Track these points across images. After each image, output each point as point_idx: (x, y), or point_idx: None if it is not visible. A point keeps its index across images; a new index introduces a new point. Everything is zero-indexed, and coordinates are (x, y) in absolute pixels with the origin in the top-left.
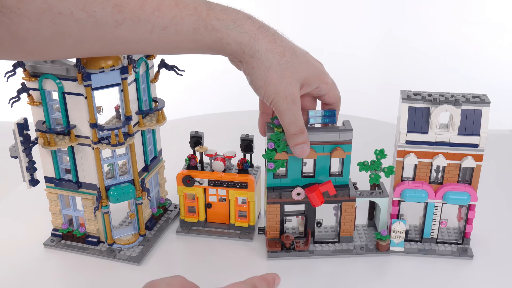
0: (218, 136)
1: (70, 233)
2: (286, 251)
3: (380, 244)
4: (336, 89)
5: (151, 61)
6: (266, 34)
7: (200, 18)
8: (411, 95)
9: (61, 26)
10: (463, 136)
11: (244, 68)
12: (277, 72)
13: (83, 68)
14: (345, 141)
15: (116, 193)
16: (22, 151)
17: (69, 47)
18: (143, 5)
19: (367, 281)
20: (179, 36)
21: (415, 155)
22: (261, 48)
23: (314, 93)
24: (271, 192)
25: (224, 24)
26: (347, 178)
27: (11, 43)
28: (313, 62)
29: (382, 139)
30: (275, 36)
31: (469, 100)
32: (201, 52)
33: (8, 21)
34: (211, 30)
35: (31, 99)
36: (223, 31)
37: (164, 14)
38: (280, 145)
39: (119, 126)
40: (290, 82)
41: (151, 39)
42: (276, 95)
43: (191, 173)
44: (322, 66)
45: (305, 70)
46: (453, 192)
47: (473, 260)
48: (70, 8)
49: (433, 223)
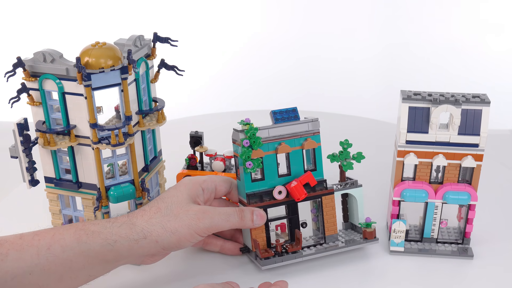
0: (218, 136)
1: None
2: (279, 256)
3: (367, 231)
4: (218, 176)
5: (151, 61)
6: (135, 213)
7: (78, 228)
8: (411, 95)
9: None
10: (463, 136)
11: (155, 248)
12: (170, 220)
13: (83, 68)
14: (314, 132)
15: (116, 193)
16: (22, 151)
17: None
18: (21, 236)
19: (367, 281)
20: (66, 252)
21: (415, 155)
22: (142, 224)
23: (210, 194)
24: (253, 197)
25: (102, 225)
26: (321, 172)
27: None
28: (177, 189)
29: (382, 139)
30: (141, 207)
31: (469, 100)
32: (97, 268)
33: None
34: (93, 234)
35: (31, 99)
36: (104, 232)
37: (44, 236)
38: (256, 140)
39: (119, 126)
40: (185, 211)
41: (41, 264)
42: (193, 227)
43: (191, 173)
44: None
45: (182, 192)
46: (453, 192)
47: (473, 260)
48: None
49: (433, 223)
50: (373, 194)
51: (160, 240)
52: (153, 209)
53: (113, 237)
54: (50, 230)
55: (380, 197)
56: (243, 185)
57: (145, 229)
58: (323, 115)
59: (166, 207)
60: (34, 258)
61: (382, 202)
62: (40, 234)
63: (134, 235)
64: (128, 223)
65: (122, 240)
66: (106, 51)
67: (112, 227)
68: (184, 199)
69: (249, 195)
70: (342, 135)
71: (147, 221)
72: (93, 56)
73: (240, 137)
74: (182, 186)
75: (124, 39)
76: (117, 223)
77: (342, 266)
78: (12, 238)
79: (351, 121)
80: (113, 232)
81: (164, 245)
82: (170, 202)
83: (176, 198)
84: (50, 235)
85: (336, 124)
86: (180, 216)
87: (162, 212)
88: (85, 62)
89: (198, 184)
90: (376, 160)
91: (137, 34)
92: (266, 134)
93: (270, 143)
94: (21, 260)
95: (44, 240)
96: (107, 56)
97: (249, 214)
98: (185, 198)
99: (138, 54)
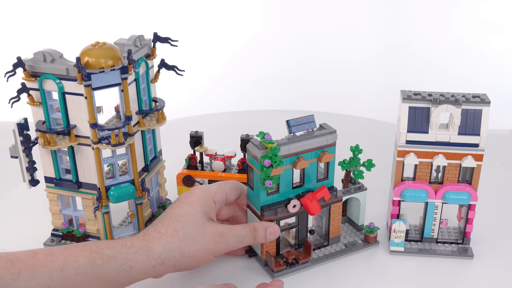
0: (218, 136)
1: (70, 233)
2: (290, 267)
3: (369, 236)
4: (227, 184)
5: (151, 61)
6: (152, 236)
7: (93, 251)
8: (411, 95)
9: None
10: (463, 136)
11: (171, 270)
12: (188, 245)
13: (83, 68)
14: (331, 144)
15: (116, 193)
16: (22, 151)
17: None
18: (34, 255)
19: (367, 281)
20: (79, 275)
21: (415, 155)
22: (159, 249)
23: (221, 204)
24: (267, 210)
25: (117, 250)
26: (332, 180)
27: None
28: (191, 205)
29: (382, 139)
30: (156, 227)
31: (469, 100)
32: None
33: None
34: (108, 259)
35: (31, 99)
36: (120, 257)
37: (57, 257)
38: (277, 160)
39: (119, 126)
40: (202, 233)
41: (53, 286)
42: (210, 250)
43: (191, 173)
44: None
45: (196, 210)
46: (453, 192)
47: (473, 259)
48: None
49: (433, 223)
50: (373, 194)
51: (177, 264)
52: (170, 232)
53: (129, 263)
54: (63, 250)
55: (380, 197)
56: (258, 198)
57: (163, 254)
58: (323, 115)
59: (183, 229)
60: (46, 279)
61: (382, 202)
62: (53, 254)
63: (151, 261)
64: (145, 248)
65: (138, 266)
66: (106, 51)
67: (128, 253)
68: (199, 219)
69: (263, 208)
70: (342, 135)
71: (164, 246)
72: (93, 56)
73: (260, 155)
74: (196, 202)
75: (124, 39)
76: (133, 249)
77: (342, 266)
78: (25, 256)
79: (351, 121)
80: (129, 258)
81: (181, 268)
82: (186, 223)
83: (192, 218)
84: (63, 256)
85: (336, 124)
86: (197, 240)
87: (180, 235)
88: (85, 62)
89: (210, 198)
90: (376, 160)
91: (137, 34)
92: (286, 152)
93: (288, 158)
94: (33, 281)
95: (57, 261)
96: (107, 56)
97: (262, 231)
98: (200, 217)
99: (138, 54)
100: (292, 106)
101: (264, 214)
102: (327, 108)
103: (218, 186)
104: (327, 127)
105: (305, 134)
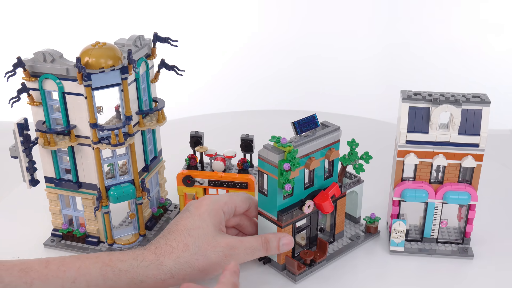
0: (218, 136)
1: (70, 233)
2: (310, 267)
3: (371, 227)
4: (238, 195)
5: (151, 61)
6: (163, 250)
7: (105, 264)
8: (411, 95)
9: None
10: (463, 136)
11: (180, 283)
12: (198, 259)
13: (83, 68)
14: (336, 141)
15: (116, 193)
16: (22, 151)
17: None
18: (47, 265)
19: (367, 281)
20: (91, 287)
21: (415, 155)
22: (170, 263)
23: (229, 215)
24: (284, 215)
25: (129, 264)
26: (336, 177)
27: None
28: (202, 218)
29: (382, 139)
30: (168, 240)
31: (469, 100)
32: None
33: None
34: (119, 273)
35: (31, 99)
36: (131, 271)
37: (69, 267)
38: (295, 163)
39: (119, 126)
40: (213, 247)
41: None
42: (220, 264)
43: (191, 173)
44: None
45: (207, 223)
46: (453, 192)
47: (473, 259)
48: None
49: (434, 223)
50: (373, 194)
51: (187, 278)
52: (181, 246)
53: (140, 277)
54: (76, 260)
55: (381, 197)
56: (274, 203)
57: (173, 269)
58: (323, 115)
59: (194, 243)
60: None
61: (382, 202)
62: (66, 265)
63: (162, 275)
64: (156, 263)
65: (149, 280)
66: (106, 51)
67: (139, 267)
68: (210, 232)
69: (280, 213)
70: (342, 135)
71: (175, 260)
72: (93, 56)
73: (277, 159)
74: (206, 214)
75: (124, 39)
76: (144, 263)
77: (342, 266)
78: (38, 265)
79: (351, 121)
80: (140, 272)
81: (191, 280)
82: (197, 236)
83: (203, 231)
84: (76, 267)
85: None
86: (208, 254)
87: (190, 250)
88: (85, 62)
89: (220, 209)
90: (376, 160)
91: (137, 34)
92: (301, 153)
93: (301, 159)
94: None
95: (69, 272)
96: (107, 56)
97: (275, 242)
98: (212, 230)
99: (138, 54)
100: (292, 106)
101: (282, 218)
102: (327, 108)
103: (228, 197)
104: (330, 124)
105: (310, 134)
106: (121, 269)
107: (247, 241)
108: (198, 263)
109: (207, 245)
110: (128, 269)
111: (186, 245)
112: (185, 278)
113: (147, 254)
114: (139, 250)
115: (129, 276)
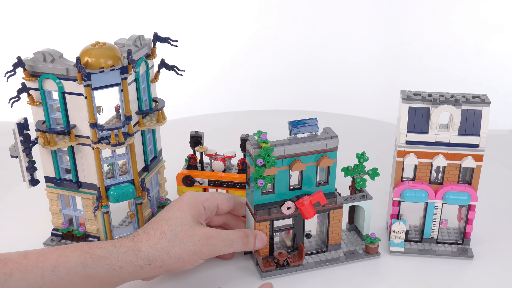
0: (218, 136)
1: (70, 233)
2: (280, 268)
3: (370, 247)
4: (220, 194)
5: (151, 61)
6: (140, 237)
7: (84, 251)
8: (411, 95)
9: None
10: (463, 136)
11: (158, 272)
12: (175, 246)
13: (83, 68)
14: (331, 149)
15: (116, 193)
16: (22, 151)
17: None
18: (26, 256)
19: (367, 281)
20: (71, 275)
21: (415, 155)
22: (147, 249)
23: (211, 212)
24: (260, 209)
25: (107, 250)
26: (333, 185)
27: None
28: (181, 209)
29: (382, 139)
30: (145, 229)
31: (469, 100)
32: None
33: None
34: (98, 259)
35: (31, 99)
36: (110, 257)
37: (48, 257)
38: (269, 160)
39: (119, 126)
40: (190, 235)
41: (45, 286)
42: (197, 253)
43: (191, 173)
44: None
45: (185, 213)
46: (453, 192)
47: (473, 260)
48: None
49: (433, 223)
50: (373, 194)
51: (164, 266)
52: (158, 233)
53: (119, 263)
54: (55, 250)
55: (380, 197)
56: (252, 196)
57: (150, 255)
58: (323, 115)
59: (171, 231)
60: (38, 279)
61: (382, 202)
62: (45, 255)
63: (139, 261)
64: (134, 248)
65: (127, 266)
66: (106, 51)
67: (117, 253)
68: (188, 222)
69: (257, 207)
70: (342, 135)
71: (152, 247)
72: (93, 56)
73: (254, 154)
74: (185, 206)
75: (124, 39)
76: (122, 249)
77: (342, 266)
78: (16, 257)
79: (351, 121)
80: (118, 258)
81: (168, 269)
82: (175, 225)
83: (180, 221)
84: (55, 256)
85: (336, 124)
86: (184, 242)
87: (167, 237)
88: (85, 62)
89: (200, 203)
90: (376, 160)
91: (137, 34)
92: (281, 153)
93: (284, 159)
94: (25, 281)
95: (49, 261)
96: (107, 56)
97: (252, 238)
98: (189, 221)
99: (138, 54)
100: (292, 106)
101: (257, 213)
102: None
103: (210, 195)
104: (330, 131)
105: (307, 137)
106: (99, 255)
107: (225, 233)
108: (175, 250)
109: (184, 233)
110: (107, 255)
111: (163, 232)
112: (162, 265)
113: (125, 241)
114: (117, 238)
115: (108, 263)
